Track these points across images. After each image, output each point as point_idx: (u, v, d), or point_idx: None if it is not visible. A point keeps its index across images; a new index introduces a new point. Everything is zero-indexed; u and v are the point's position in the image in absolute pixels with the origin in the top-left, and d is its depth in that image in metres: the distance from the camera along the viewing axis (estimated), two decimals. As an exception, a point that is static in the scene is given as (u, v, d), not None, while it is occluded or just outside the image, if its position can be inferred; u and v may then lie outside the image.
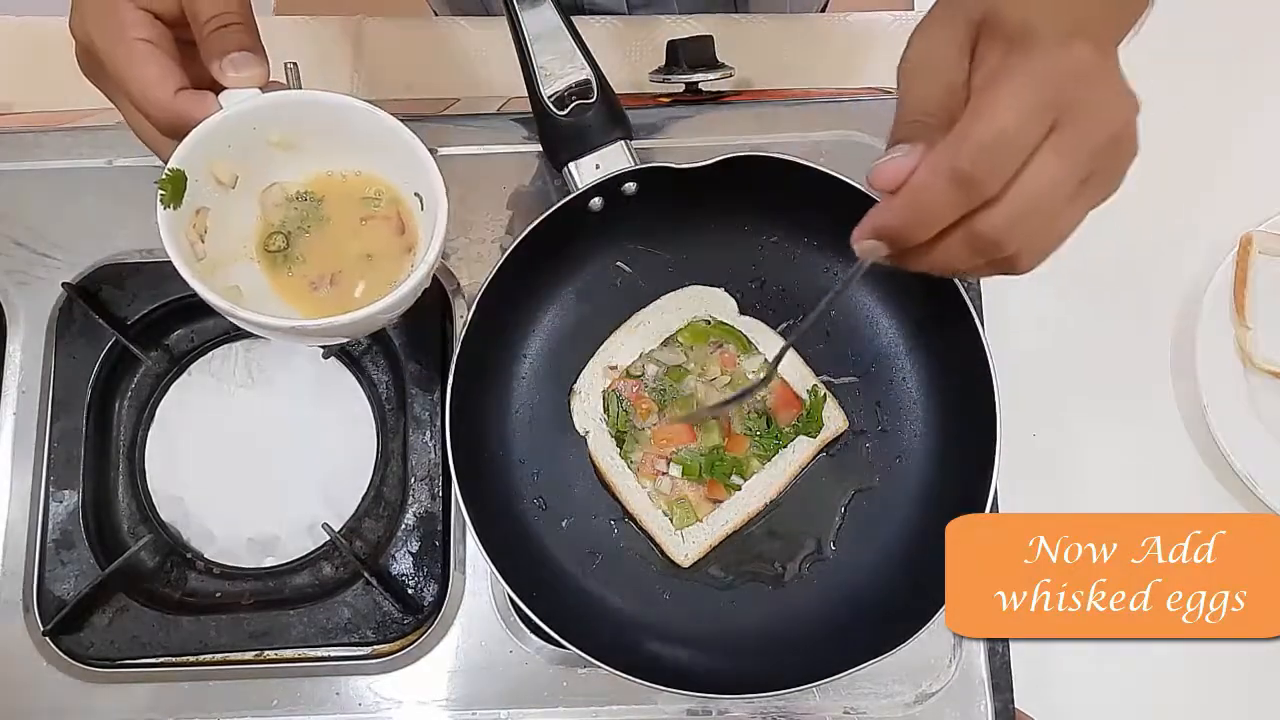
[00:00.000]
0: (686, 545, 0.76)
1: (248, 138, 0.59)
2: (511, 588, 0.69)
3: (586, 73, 0.75)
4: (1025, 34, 0.47)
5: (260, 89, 0.58)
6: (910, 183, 0.47)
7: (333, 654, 0.77)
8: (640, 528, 0.77)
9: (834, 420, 0.78)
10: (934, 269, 0.50)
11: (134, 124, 0.59)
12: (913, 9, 1.26)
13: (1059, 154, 0.45)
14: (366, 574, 0.75)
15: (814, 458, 0.78)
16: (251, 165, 0.61)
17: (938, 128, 0.48)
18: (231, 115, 0.57)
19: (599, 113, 0.75)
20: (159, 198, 0.57)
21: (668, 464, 0.77)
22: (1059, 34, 0.45)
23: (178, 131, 0.57)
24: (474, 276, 0.82)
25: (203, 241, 0.60)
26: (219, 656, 0.77)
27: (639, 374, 0.79)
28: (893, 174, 0.48)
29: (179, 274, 0.56)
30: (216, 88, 0.57)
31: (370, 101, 0.60)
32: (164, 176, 0.57)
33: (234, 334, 0.83)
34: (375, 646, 0.77)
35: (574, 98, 0.74)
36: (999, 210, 0.45)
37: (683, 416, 0.76)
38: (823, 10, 1.12)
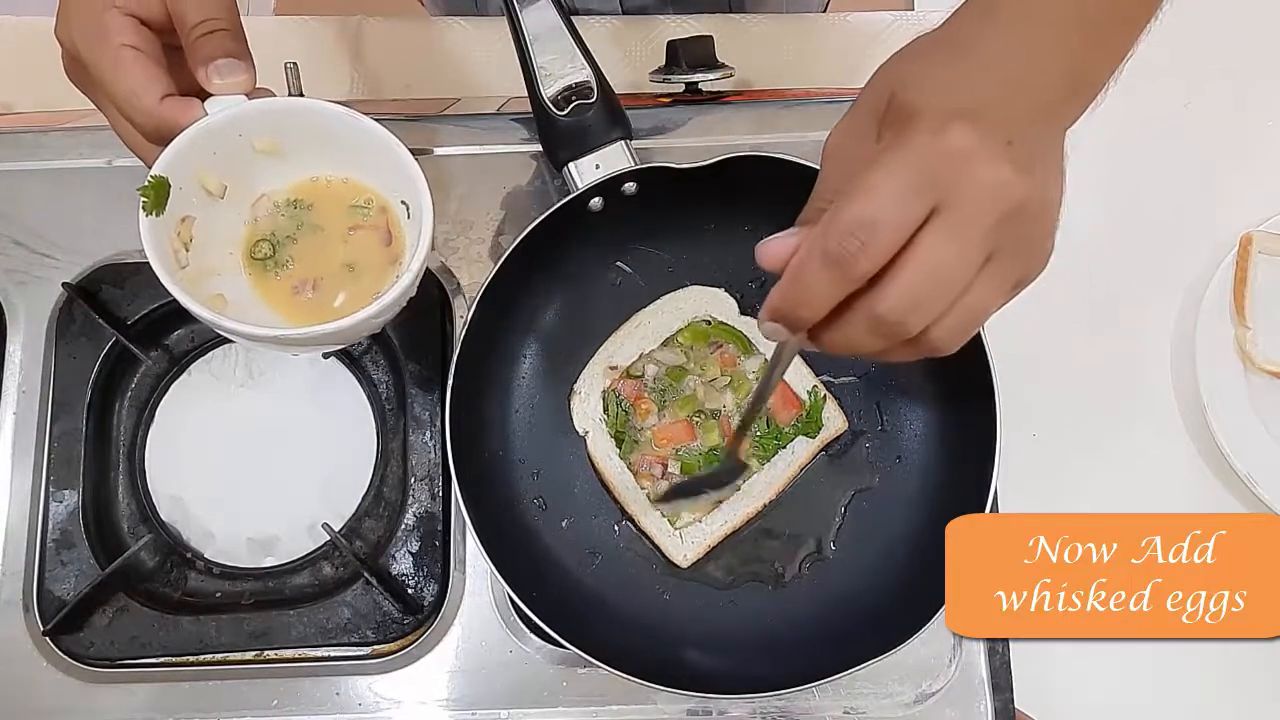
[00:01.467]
0: (685, 546, 0.76)
1: (233, 144, 0.59)
2: (511, 588, 0.69)
3: (586, 73, 0.75)
4: (909, 117, 0.47)
5: (247, 95, 0.58)
6: (790, 263, 0.48)
7: (333, 654, 0.77)
8: (639, 528, 0.77)
9: (834, 420, 0.78)
10: (851, 352, 0.50)
11: (120, 131, 0.59)
12: (913, 9, 1.27)
13: (943, 234, 0.45)
14: (366, 574, 0.75)
15: (814, 458, 0.78)
16: (238, 172, 0.61)
17: None
18: (215, 122, 0.57)
19: (599, 113, 0.75)
20: (140, 205, 0.57)
21: (664, 469, 0.77)
22: (941, 116, 0.45)
23: (163, 138, 0.56)
24: (474, 276, 0.82)
25: (187, 250, 0.60)
26: (219, 656, 0.77)
27: (639, 374, 0.79)
28: (770, 252, 0.49)
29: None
30: (203, 94, 0.57)
31: (370, 101, 0.60)
32: (146, 183, 0.56)
33: (234, 334, 0.83)
34: (375, 646, 0.77)
35: (574, 98, 0.74)
36: (891, 291, 0.46)
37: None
38: (824, 10, 1.11)
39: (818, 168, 0.73)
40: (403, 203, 0.63)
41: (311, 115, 0.60)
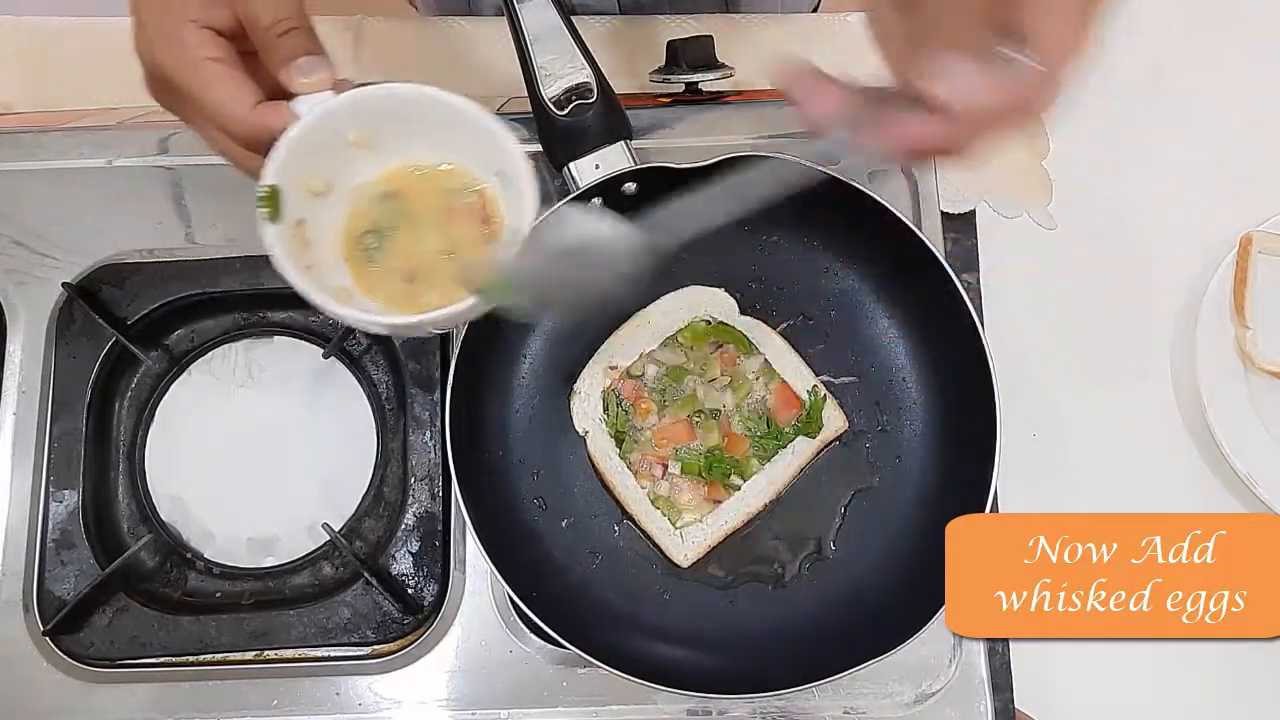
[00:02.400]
0: (686, 545, 0.76)
1: (328, 141, 0.59)
2: (511, 588, 0.69)
3: (586, 73, 0.75)
4: None
5: (333, 90, 0.57)
6: (975, 104, 0.49)
7: (333, 654, 0.77)
8: (640, 528, 0.77)
9: (834, 420, 0.78)
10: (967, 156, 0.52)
11: (215, 142, 0.58)
12: (913, 9, 1.26)
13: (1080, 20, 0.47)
14: (366, 574, 0.75)
15: (814, 458, 0.78)
16: (336, 168, 0.61)
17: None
18: (311, 121, 0.57)
19: (599, 113, 0.75)
20: (263, 215, 0.57)
21: (664, 469, 0.77)
22: None
23: (260, 144, 0.56)
24: (474, 276, 0.82)
25: (305, 251, 0.60)
26: (219, 656, 0.77)
27: (639, 374, 0.79)
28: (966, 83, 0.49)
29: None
30: (286, 95, 0.57)
31: None
32: (262, 194, 0.56)
33: (234, 334, 0.83)
34: (375, 646, 0.77)
35: (574, 98, 0.74)
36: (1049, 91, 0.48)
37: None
38: (814, 10, 1.11)
39: (817, 168, 0.74)
40: (496, 175, 0.62)
41: (400, 100, 0.59)
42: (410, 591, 0.77)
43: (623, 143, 0.75)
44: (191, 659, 0.77)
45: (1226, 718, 0.85)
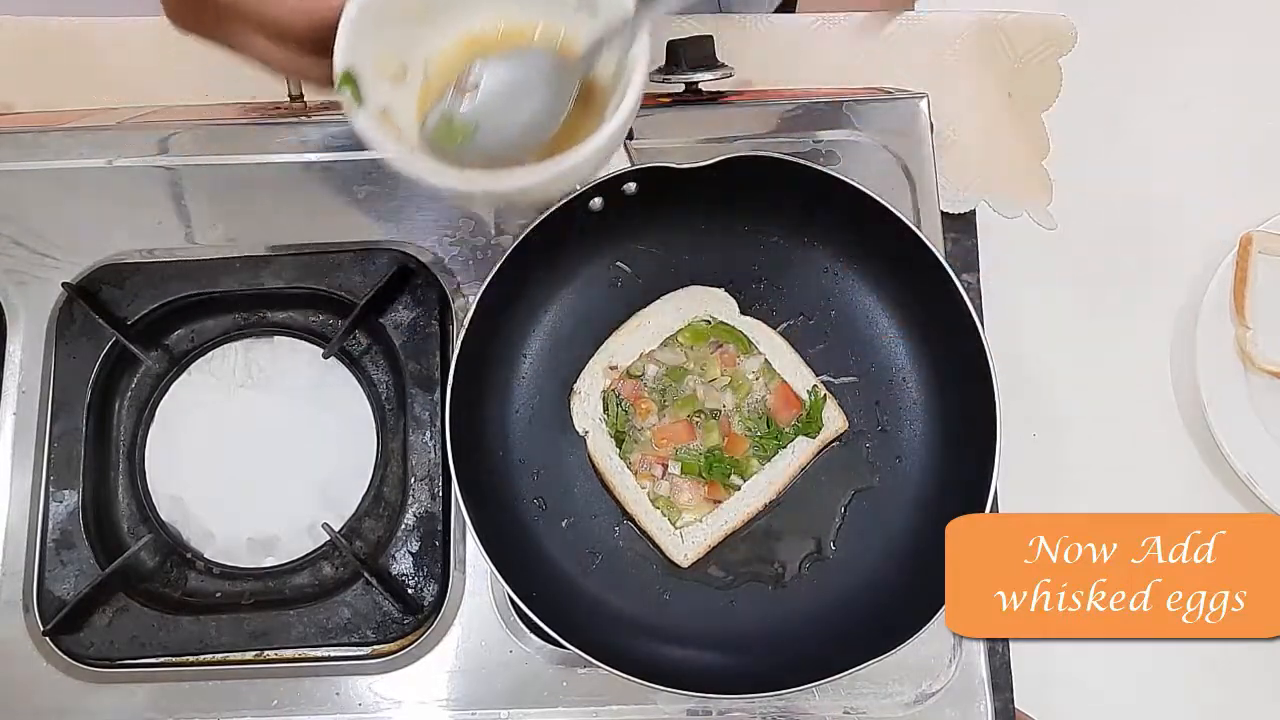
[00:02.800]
0: (686, 545, 0.76)
1: (391, 11, 0.55)
2: (511, 588, 0.69)
3: (587, 73, 0.74)
4: None
5: None
6: None
7: (333, 654, 0.77)
8: (640, 528, 0.77)
9: (834, 420, 0.78)
10: None
11: (266, 54, 0.55)
12: (912, 8, 1.26)
13: None
14: (366, 574, 0.75)
15: (814, 458, 0.78)
16: (405, 46, 0.57)
17: None
18: None
19: (599, 113, 0.74)
20: (347, 100, 0.53)
21: (664, 469, 0.77)
22: None
23: (320, 35, 0.53)
24: (474, 276, 0.82)
25: (399, 142, 0.57)
26: (219, 656, 0.77)
27: (639, 374, 0.79)
28: None
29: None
30: None
31: None
32: (339, 79, 0.53)
33: (234, 334, 0.83)
34: (375, 646, 0.77)
35: (574, 98, 0.74)
36: None
37: None
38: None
39: (818, 168, 0.74)
40: (581, 7, 0.56)
41: None
42: (410, 591, 0.77)
43: (623, 143, 0.75)
44: (191, 659, 0.77)
45: (1226, 718, 0.85)
